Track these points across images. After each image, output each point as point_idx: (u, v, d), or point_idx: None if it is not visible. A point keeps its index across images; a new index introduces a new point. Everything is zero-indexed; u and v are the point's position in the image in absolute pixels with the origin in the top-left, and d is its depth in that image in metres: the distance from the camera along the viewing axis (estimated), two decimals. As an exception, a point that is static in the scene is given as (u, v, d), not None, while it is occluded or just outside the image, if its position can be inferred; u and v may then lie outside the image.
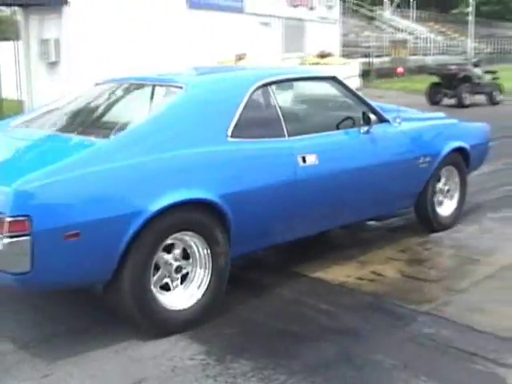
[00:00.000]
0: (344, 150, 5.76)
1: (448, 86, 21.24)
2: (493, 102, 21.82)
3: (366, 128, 5.85)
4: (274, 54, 23.17)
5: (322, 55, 25.89)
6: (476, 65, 22.34)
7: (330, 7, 28.77)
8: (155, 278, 4.49)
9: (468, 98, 21.09)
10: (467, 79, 21.24)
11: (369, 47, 41.55)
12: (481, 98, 21.83)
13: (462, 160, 7.11)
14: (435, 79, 22.24)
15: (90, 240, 4.10)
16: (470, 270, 5.83)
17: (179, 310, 4.59)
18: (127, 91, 5.82)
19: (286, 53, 23.76)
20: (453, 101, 21.21)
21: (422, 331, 4.60)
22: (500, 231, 6.96)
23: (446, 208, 7.06)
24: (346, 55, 35.31)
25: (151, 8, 17.46)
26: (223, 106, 5.07)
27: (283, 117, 5.35)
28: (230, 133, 4.92)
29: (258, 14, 21.77)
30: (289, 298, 5.25)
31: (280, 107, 5.41)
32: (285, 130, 5.30)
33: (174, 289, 4.64)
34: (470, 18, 57.14)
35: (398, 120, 6.33)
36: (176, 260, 4.63)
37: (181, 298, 4.65)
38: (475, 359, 4.18)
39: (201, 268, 4.74)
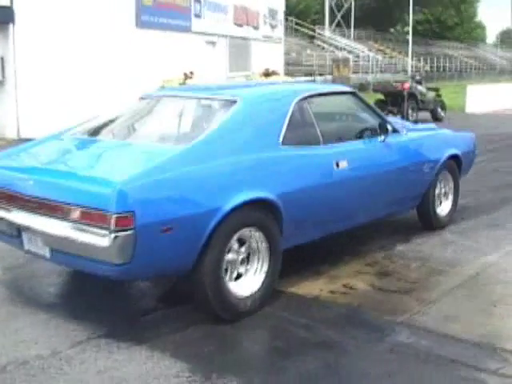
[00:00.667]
0: (367, 156, 6.48)
1: (393, 103, 21.59)
2: (436, 118, 22.25)
3: (383, 137, 6.61)
4: (220, 72, 23.26)
5: (267, 73, 26.06)
6: (419, 82, 22.75)
7: (273, 26, 29.02)
8: (226, 268, 5.02)
9: (413, 115, 21.47)
10: (411, 96, 21.63)
11: (311, 66, 42.05)
12: (425, 115, 22.25)
13: (456, 166, 7.88)
14: (380, 96, 22.59)
15: (179, 234, 4.59)
16: (439, 281, 5.97)
17: (244, 297, 5.14)
18: (183, 105, 6.45)
19: (232, 71, 23.87)
20: (398, 117, 21.55)
21: (402, 341, 4.70)
22: (461, 243, 7.13)
23: (444, 208, 7.83)
24: (290, 74, 35.67)
25: (100, 27, 17.38)
26: (273, 116, 5.72)
27: (318, 126, 6.03)
28: (281, 140, 5.56)
29: (205, 33, 21.86)
30: (267, 313, 5.27)
31: (315, 117, 6.08)
32: (320, 138, 5.99)
33: (239, 278, 5.18)
34: (409, 36, 58.21)
35: (405, 131, 7.16)
36: (241, 253, 5.17)
37: (245, 286, 5.19)
38: (457, 366, 4.31)
39: (260, 260, 5.30)
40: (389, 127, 6.67)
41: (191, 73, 19.37)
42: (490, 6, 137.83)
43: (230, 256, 5.06)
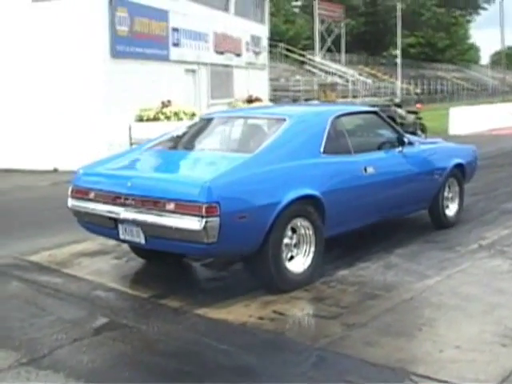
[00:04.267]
0: (388, 164, 7.86)
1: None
2: (417, 141, 22.28)
3: (400, 148, 8.02)
4: (201, 100, 23.33)
5: (250, 100, 26.25)
6: (398, 105, 22.82)
7: (257, 53, 29.18)
8: (284, 249, 6.30)
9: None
10: (391, 119, 21.66)
11: (299, 91, 42.18)
12: (405, 138, 22.25)
13: (461, 173, 9.21)
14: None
15: (251, 220, 5.89)
16: (370, 305, 5.96)
17: (298, 274, 6.44)
18: (241, 123, 7.93)
19: (214, 99, 23.93)
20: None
21: (317, 366, 4.71)
22: (404, 267, 7.13)
23: (451, 209, 9.09)
24: (277, 99, 35.81)
25: (73, 58, 17.44)
26: (315, 131, 7.10)
27: (349, 139, 7.43)
28: (322, 150, 6.93)
29: (184, 61, 21.91)
30: (190, 339, 5.33)
31: (346, 132, 7.48)
32: (351, 148, 7.35)
33: (293, 259, 6.46)
34: (398, 60, 58.46)
35: (418, 143, 8.65)
36: (294, 238, 6.46)
37: (298, 265, 6.47)
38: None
39: (307, 244, 6.57)
40: (405, 140, 8.12)
41: (168, 101, 19.48)
42: (484, 27, 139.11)
43: (286, 240, 6.33)
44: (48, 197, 12.84)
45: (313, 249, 6.60)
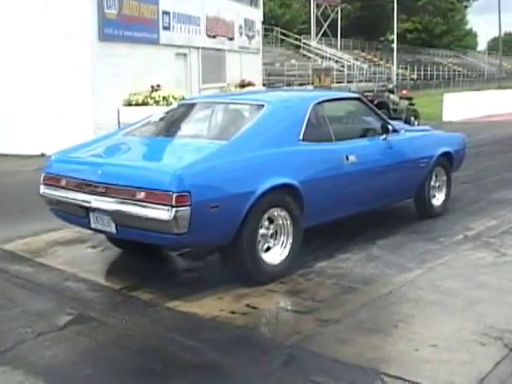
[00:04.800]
0: (371, 152, 7.60)
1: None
2: (409, 127, 22.11)
3: (384, 136, 7.73)
4: (192, 84, 23.07)
5: (242, 85, 26.01)
6: (391, 91, 22.63)
7: (251, 37, 28.87)
8: (260, 240, 6.14)
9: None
10: (383, 105, 21.46)
11: (294, 76, 41.92)
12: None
13: (448, 162, 8.99)
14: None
15: (224, 210, 5.69)
16: (346, 300, 5.75)
17: (274, 265, 6.27)
18: (219, 108, 7.64)
19: (205, 83, 23.67)
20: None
21: (285, 365, 4.52)
22: (386, 259, 6.93)
23: (438, 200, 8.92)
24: (271, 84, 35.58)
25: (60, 41, 17.19)
26: (294, 118, 6.86)
27: (330, 126, 7.18)
28: (301, 137, 6.69)
29: (174, 45, 21.63)
30: (157, 335, 5.14)
31: (328, 119, 7.22)
32: (332, 136, 7.10)
33: (270, 250, 6.29)
34: (394, 45, 58.15)
35: (403, 131, 8.32)
36: (270, 229, 6.28)
37: (275, 256, 6.31)
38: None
39: (285, 235, 6.39)
40: (389, 127, 7.79)
41: (158, 86, 19.25)
42: (481, 13, 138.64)
43: (262, 231, 6.15)
44: (31, 182, 12.46)
45: (290, 240, 6.43)
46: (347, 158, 7.08)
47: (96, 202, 6.02)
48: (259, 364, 4.55)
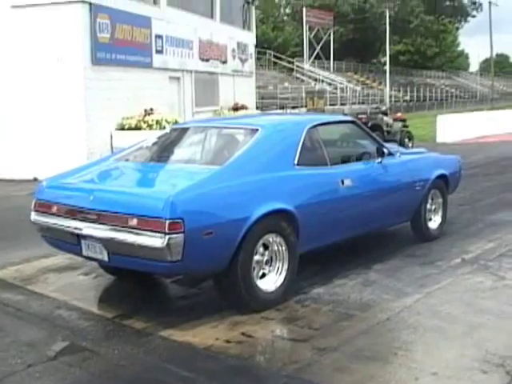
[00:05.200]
0: (367, 175, 7.53)
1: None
2: (403, 149, 22.07)
3: (380, 159, 7.64)
4: (186, 108, 23.01)
5: (236, 108, 25.98)
6: (385, 113, 22.62)
7: (244, 60, 28.88)
8: (255, 267, 6.02)
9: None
10: (377, 127, 21.45)
11: (287, 98, 41.94)
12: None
13: (444, 184, 8.92)
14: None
15: (218, 237, 5.56)
16: (344, 327, 5.63)
17: (270, 292, 6.13)
18: (212, 133, 7.51)
19: (198, 106, 23.61)
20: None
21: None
22: (383, 283, 6.82)
23: (434, 222, 8.84)
24: (265, 107, 35.60)
25: (51, 64, 17.10)
26: (289, 142, 6.78)
27: (325, 150, 7.09)
28: (296, 162, 6.61)
29: (167, 68, 21.57)
30: (150, 364, 5.01)
31: (323, 143, 7.12)
32: (327, 160, 7.03)
33: (265, 276, 6.17)
34: (387, 67, 58.36)
35: (398, 154, 8.22)
36: (265, 255, 6.15)
37: (270, 283, 6.18)
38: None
39: (280, 261, 6.27)
40: (385, 151, 7.73)
41: (151, 109, 19.18)
42: (473, 34, 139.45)
43: (257, 257, 6.03)
44: (23, 207, 12.30)
45: (286, 266, 6.30)
46: (343, 182, 6.99)
47: (87, 229, 5.88)
48: (255, 395, 4.43)
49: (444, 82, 79.90)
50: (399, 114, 25.09)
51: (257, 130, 6.77)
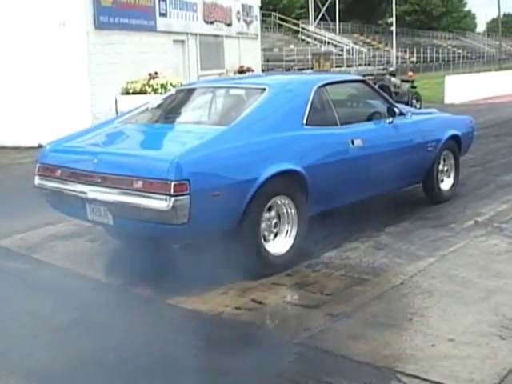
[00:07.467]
0: (378, 136, 7.30)
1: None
2: (411, 110, 21.82)
3: (391, 119, 7.45)
4: (191, 71, 22.74)
5: (241, 71, 25.67)
6: (392, 74, 22.31)
7: (249, 22, 28.47)
8: (263, 230, 5.91)
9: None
10: (385, 89, 21.13)
11: (293, 61, 41.58)
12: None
13: (456, 145, 8.73)
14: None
15: (226, 198, 5.44)
16: (357, 292, 5.49)
17: (279, 256, 6.02)
18: (219, 93, 7.41)
19: (203, 70, 23.32)
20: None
21: (294, 365, 4.27)
22: (396, 247, 6.67)
23: (446, 184, 8.68)
24: (270, 69, 35.28)
25: (54, 29, 16.86)
26: (297, 101, 6.58)
27: (335, 110, 6.91)
28: (304, 121, 6.43)
29: (172, 31, 21.28)
30: (159, 333, 4.88)
31: (332, 102, 6.94)
32: (337, 120, 6.84)
33: (274, 239, 6.06)
34: (393, 28, 57.70)
35: (410, 114, 8.01)
36: (274, 218, 6.03)
37: (278, 246, 6.07)
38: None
39: (289, 224, 6.14)
40: (396, 110, 7.50)
41: (156, 73, 18.94)
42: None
43: (265, 220, 5.91)
44: (28, 175, 12.28)
45: (295, 229, 6.16)
46: (353, 143, 6.82)
47: (92, 192, 5.77)
48: (266, 365, 4.29)
49: (451, 42, 79.14)
50: (410, 73, 24.77)
51: (264, 89, 6.61)
